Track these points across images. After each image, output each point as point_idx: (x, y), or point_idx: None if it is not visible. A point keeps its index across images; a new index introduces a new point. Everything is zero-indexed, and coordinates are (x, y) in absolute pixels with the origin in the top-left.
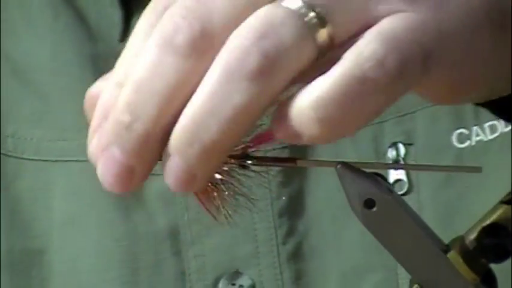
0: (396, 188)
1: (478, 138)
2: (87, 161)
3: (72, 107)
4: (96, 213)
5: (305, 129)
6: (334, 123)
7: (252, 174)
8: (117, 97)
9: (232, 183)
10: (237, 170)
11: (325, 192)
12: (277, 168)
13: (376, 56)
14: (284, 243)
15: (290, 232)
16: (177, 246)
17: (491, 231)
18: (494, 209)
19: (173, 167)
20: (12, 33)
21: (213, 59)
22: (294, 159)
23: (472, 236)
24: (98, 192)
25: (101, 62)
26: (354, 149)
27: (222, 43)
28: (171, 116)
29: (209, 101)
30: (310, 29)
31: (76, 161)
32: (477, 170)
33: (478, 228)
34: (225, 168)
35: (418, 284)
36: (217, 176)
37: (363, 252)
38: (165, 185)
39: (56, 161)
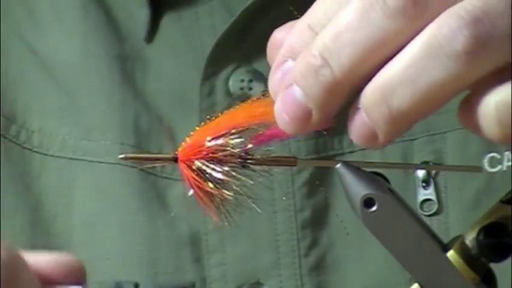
0: (425, 207)
1: (509, 163)
2: (111, 163)
3: (99, 107)
4: (119, 216)
5: (486, 127)
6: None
7: (253, 173)
8: (307, 39)
9: (233, 183)
10: (238, 169)
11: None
12: (302, 180)
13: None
14: (306, 256)
15: (313, 244)
16: (198, 253)
17: (491, 231)
18: (494, 209)
19: (358, 122)
20: (40, 28)
21: (420, 28)
22: (294, 158)
23: (472, 235)
24: (121, 194)
25: (128, 63)
26: None
27: (433, 16)
28: (363, 72)
29: (409, 69)
30: None
31: (100, 162)
32: (477, 169)
33: (478, 228)
34: (226, 168)
35: (418, 283)
36: (218, 175)
37: (385, 269)
38: (187, 190)
39: (81, 159)
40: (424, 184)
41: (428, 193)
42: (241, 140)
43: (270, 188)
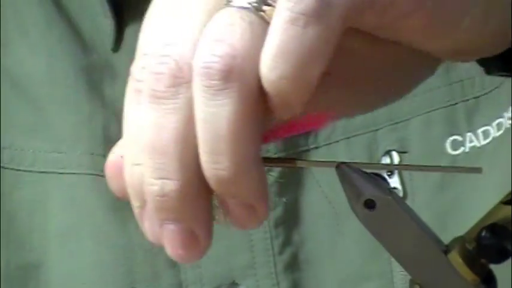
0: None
1: (471, 144)
2: (82, 173)
3: (67, 119)
4: (93, 226)
5: (276, 95)
6: (293, 74)
7: None
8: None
9: None
10: None
11: (320, 201)
12: (272, 179)
13: None
14: (280, 253)
15: (286, 242)
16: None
17: (492, 232)
18: (494, 210)
19: (232, 211)
20: (8, 44)
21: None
22: (293, 160)
23: (472, 236)
24: (93, 204)
25: (96, 72)
26: (348, 157)
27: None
28: (193, 162)
29: (203, 127)
30: (261, 16)
31: (72, 173)
32: (477, 170)
33: (478, 229)
34: None
35: (418, 285)
36: None
37: (359, 261)
38: None
39: (52, 172)
40: (389, 173)
41: (394, 181)
42: None
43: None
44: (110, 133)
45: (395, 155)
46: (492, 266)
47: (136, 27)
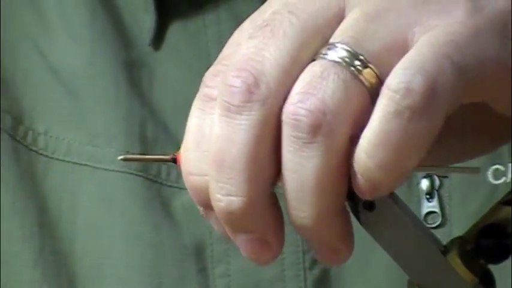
0: (429, 220)
1: None
2: (116, 170)
3: (105, 114)
4: (123, 224)
5: (369, 180)
6: (391, 165)
7: None
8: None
9: None
10: None
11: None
12: None
13: (401, 84)
14: (311, 268)
15: None
16: (202, 263)
17: (490, 232)
18: (493, 210)
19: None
20: (49, 31)
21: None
22: None
23: (471, 237)
24: (125, 202)
25: (135, 69)
26: None
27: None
28: (260, 181)
29: (291, 176)
30: (355, 75)
31: (105, 169)
32: (476, 170)
33: (477, 229)
34: None
35: (417, 286)
36: None
37: (389, 284)
38: (191, 199)
39: (85, 165)
40: (428, 196)
41: (432, 205)
42: None
43: None
44: (146, 132)
45: (436, 178)
46: (492, 266)
47: (178, 27)
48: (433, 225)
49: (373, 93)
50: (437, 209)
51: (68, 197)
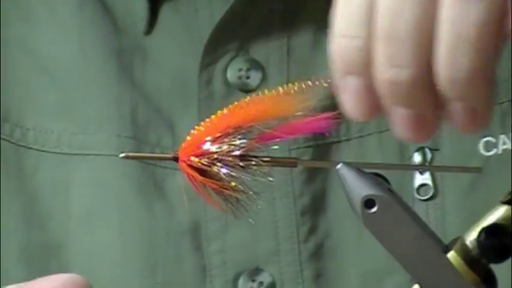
0: (421, 192)
1: (504, 146)
2: (109, 155)
3: (95, 100)
4: (118, 207)
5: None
6: None
7: (254, 173)
8: (355, 48)
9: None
10: (238, 169)
11: None
12: (300, 167)
13: None
14: (305, 242)
15: (312, 230)
16: (198, 241)
17: (492, 232)
18: (494, 210)
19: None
20: (34, 24)
21: None
22: (294, 160)
23: (472, 236)
24: (119, 185)
25: (126, 55)
26: (380, 152)
27: None
28: (428, 54)
29: (452, 29)
30: None
31: (98, 154)
32: (477, 170)
33: (478, 229)
34: (224, 170)
35: (418, 284)
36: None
37: (383, 254)
38: (185, 180)
39: (77, 154)
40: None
41: (425, 178)
42: (242, 140)
43: (269, 176)
44: (138, 115)
45: (427, 152)
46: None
47: (170, 9)
48: (425, 197)
49: None
50: (429, 181)
51: (61, 188)
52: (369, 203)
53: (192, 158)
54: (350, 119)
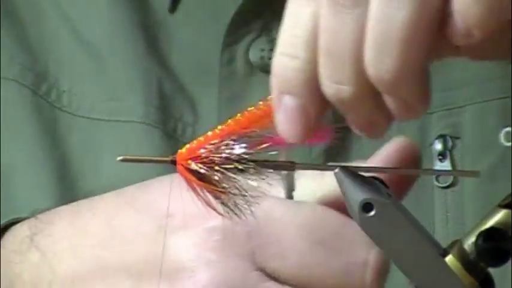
0: (441, 180)
1: None
2: (136, 122)
3: (124, 71)
4: (142, 175)
5: (465, 20)
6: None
7: (251, 177)
8: (292, 69)
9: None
10: (235, 173)
11: None
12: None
13: None
14: None
15: None
16: None
17: (490, 236)
18: (492, 213)
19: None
20: None
21: None
22: (292, 164)
23: (471, 240)
24: (145, 152)
25: (152, 32)
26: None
27: None
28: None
29: (378, 29)
30: None
31: (126, 121)
32: (476, 174)
33: (477, 232)
34: (220, 174)
35: None
36: (216, 178)
37: None
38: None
39: (107, 120)
40: (440, 157)
41: (445, 165)
42: (241, 144)
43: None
44: (163, 88)
45: (448, 139)
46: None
47: None
48: (445, 185)
49: None
50: (449, 169)
51: (91, 151)
52: (366, 206)
53: (190, 162)
54: None
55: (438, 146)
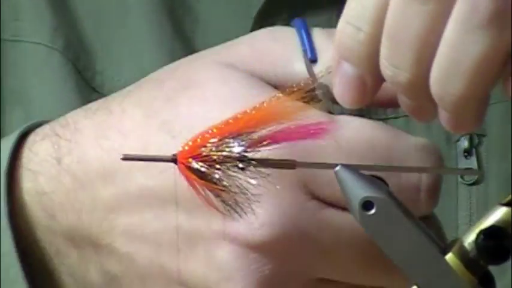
0: (466, 177)
1: None
2: None
3: (149, 53)
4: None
5: None
6: None
7: (251, 174)
8: (356, 40)
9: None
10: (235, 171)
11: None
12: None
13: None
14: None
15: None
16: None
17: (490, 234)
18: (492, 211)
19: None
20: None
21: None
22: (292, 162)
23: (471, 238)
24: None
25: (178, 13)
26: (426, 134)
27: None
28: (428, 62)
29: (451, 54)
30: None
31: None
32: (479, 173)
33: (477, 231)
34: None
35: (417, 286)
36: (216, 176)
37: None
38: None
39: None
40: (466, 154)
41: (470, 162)
42: (241, 143)
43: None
44: None
45: (475, 137)
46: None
47: None
48: (470, 182)
49: None
50: (474, 166)
51: None
52: (367, 205)
53: (191, 160)
54: None
55: (464, 142)
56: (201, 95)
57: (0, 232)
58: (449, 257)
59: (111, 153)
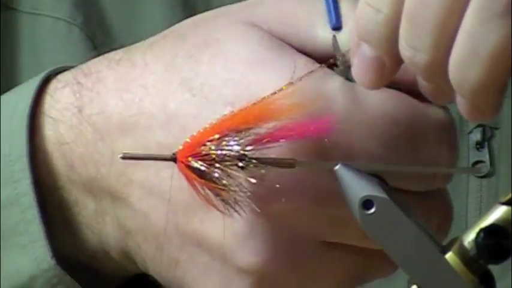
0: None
1: None
2: None
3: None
4: None
5: None
6: None
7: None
8: (371, 17)
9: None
10: (235, 169)
11: None
12: None
13: None
14: None
15: None
16: None
17: (490, 233)
18: (492, 210)
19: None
20: None
21: None
22: (292, 160)
23: (471, 237)
24: None
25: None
26: None
27: None
28: (447, 45)
29: (469, 42)
30: None
31: None
32: (477, 170)
33: (477, 229)
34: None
35: (417, 285)
36: (216, 175)
37: None
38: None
39: None
40: (478, 146)
41: (482, 155)
42: (241, 141)
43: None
44: None
45: (488, 129)
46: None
47: None
48: (481, 175)
49: None
50: (486, 159)
51: None
52: (367, 204)
53: (191, 159)
54: None
55: (477, 135)
56: (222, 55)
57: (19, 173)
58: (449, 255)
59: (131, 107)
